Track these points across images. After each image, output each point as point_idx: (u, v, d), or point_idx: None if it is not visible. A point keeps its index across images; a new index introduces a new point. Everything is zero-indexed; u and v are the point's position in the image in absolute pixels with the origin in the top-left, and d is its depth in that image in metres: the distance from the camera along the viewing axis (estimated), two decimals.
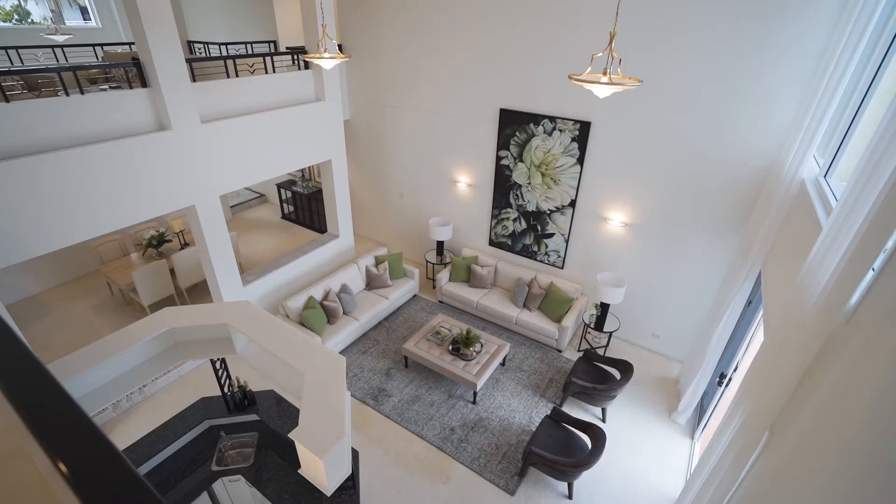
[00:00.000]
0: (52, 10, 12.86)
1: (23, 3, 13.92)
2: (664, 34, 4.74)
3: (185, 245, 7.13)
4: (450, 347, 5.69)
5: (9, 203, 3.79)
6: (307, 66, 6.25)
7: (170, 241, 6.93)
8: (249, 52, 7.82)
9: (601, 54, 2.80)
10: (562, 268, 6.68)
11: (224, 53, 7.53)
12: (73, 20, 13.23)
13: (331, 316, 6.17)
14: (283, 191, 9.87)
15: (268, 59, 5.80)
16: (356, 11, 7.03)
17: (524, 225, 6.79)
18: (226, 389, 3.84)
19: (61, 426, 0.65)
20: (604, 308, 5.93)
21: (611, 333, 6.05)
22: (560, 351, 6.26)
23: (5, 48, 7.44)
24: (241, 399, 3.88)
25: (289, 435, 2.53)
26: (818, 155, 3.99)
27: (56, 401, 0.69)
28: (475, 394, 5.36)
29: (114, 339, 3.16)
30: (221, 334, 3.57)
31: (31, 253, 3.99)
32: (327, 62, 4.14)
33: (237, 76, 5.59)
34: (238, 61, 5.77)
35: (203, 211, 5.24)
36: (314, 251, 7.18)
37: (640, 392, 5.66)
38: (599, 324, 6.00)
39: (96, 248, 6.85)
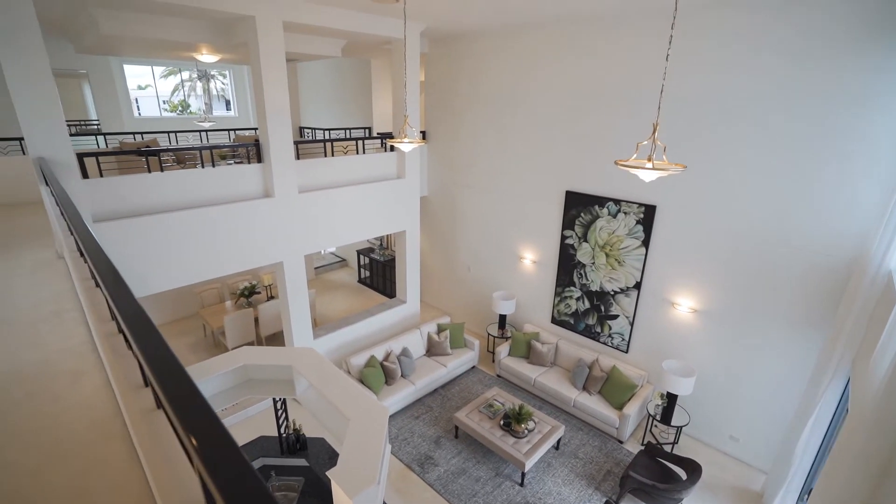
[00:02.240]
0: (205, 103, 16.06)
1: (186, 98, 17.62)
2: (736, 122, 4.85)
3: (270, 297, 7.97)
4: (501, 422, 5.57)
5: (154, 247, 4.74)
6: (392, 148, 7.13)
7: (259, 292, 7.80)
8: (347, 136, 9.10)
9: (646, 143, 3.01)
10: (626, 352, 6.39)
11: (325, 137, 8.85)
12: (218, 111, 16.36)
13: (389, 377, 6.38)
14: (361, 257, 10.73)
15: (359, 142, 6.76)
16: (438, 104, 8.00)
17: (587, 304, 6.70)
18: (282, 430, 4.13)
19: (193, 413, 0.80)
20: (671, 399, 5.50)
21: (679, 428, 5.53)
22: (621, 442, 5.81)
23: (167, 132, 9.45)
24: (295, 441, 4.13)
25: (326, 473, 2.70)
26: None
27: (191, 395, 0.84)
28: (523, 475, 5.10)
29: (197, 369, 3.65)
30: (285, 376, 3.93)
31: (162, 287, 4.88)
32: (406, 146, 4.78)
33: (333, 155, 6.55)
34: (335, 143, 6.79)
35: (289, 267, 5.96)
36: (381, 314, 7.61)
37: (714, 503, 5.00)
38: (666, 416, 5.54)
39: (199, 293, 7.91)
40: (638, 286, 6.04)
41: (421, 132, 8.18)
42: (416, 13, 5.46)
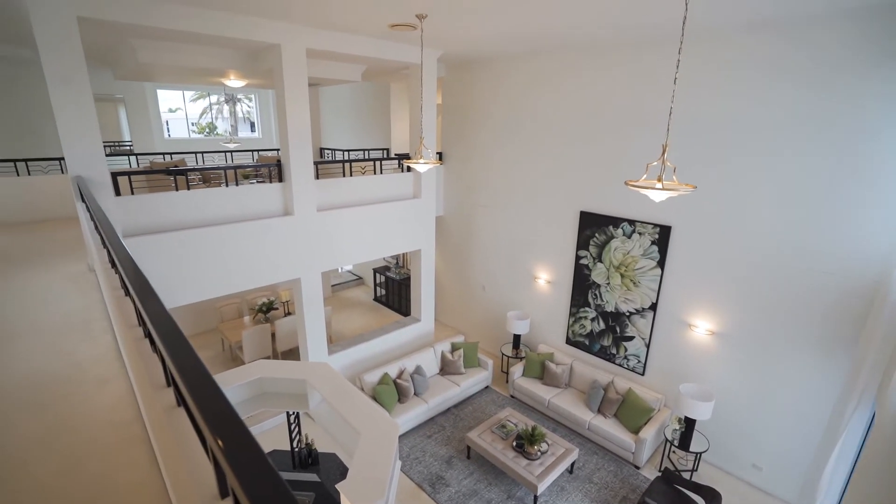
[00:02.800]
0: (231, 125, 16.70)
1: (213, 121, 18.37)
2: (752, 143, 4.86)
3: (287, 314, 8.11)
4: (514, 443, 5.50)
5: (179, 261, 4.92)
6: (409, 169, 7.30)
7: (276, 308, 7.95)
8: (366, 156, 9.36)
9: (656, 163, 3.05)
10: (642, 374, 6.27)
11: (345, 157, 9.12)
12: (244, 132, 16.99)
13: (402, 395, 6.39)
14: (377, 275, 10.86)
15: (377, 162, 6.95)
16: (455, 126, 8.19)
17: (602, 325, 6.64)
18: (294, 444, 4.17)
19: (220, 418, 0.88)
20: (689, 424, 5.36)
21: (698, 455, 5.38)
22: (637, 467, 5.66)
23: (195, 152, 9.87)
24: (307, 456, 4.16)
25: (336, 486, 2.73)
26: None
27: (218, 402, 0.94)
28: (536, 498, 5.01)
29: (217, 380, 3.75)
30: (299, 390, 4.00)
31: (185, 300, 5.04)
32: (422, 167, 4.92)
33: (351, 175, 6.75)
34: (353, 164, 7.00)
35: (306, 283, 6.10)
36: (396, 331, 7.66)
37: None
38: (684, 442, 5.39)
39: (219, 308, 8.10)
40: (654, 307, 5.97)
41: (437, 153, 8.36)
42: (432, 40, 5.67)
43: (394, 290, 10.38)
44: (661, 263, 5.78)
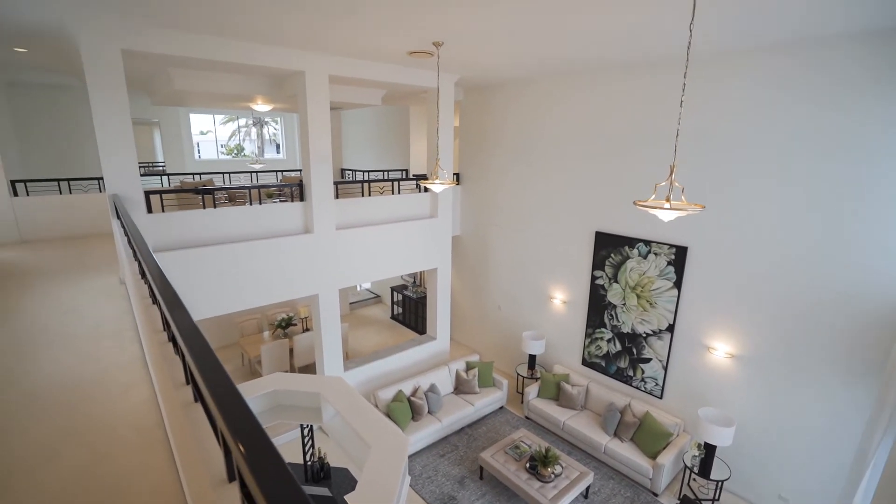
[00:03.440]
0: (258, 147, 17.36)
1: (241, 142, 19.17)
2: (768, 164, 4.84)
3: (306, 329, 8.26)
4: (527, 465, 5.43)
5: (203, 276, 5.12)
6: (426, 189, 7.47)
7: (295, 324, 8.12)
8: (385, 177, 9.61)
9: (664, 183, 3.10)
10: (660, 397, 6.14)
11: (364, 178, 9.39)
12: (269, 153, 17.64)
13: (416, 412, 6.40)
14: (395, 293, 10.98)
15: (395, 182, 7.14)
16: (471, 148, 8.36)
17: (619, 347, 6.55)
18: (307, 458, 4.23)
19: (242, 423, 0.90)
20: (709, 450, 5.20)
21: (719, 483, 5.19)
22: (656, 494, 5.49)
23: (222, 173, 10.31)
24: (319, 470, 4.21)
25: (345, 497, 2.78)
26: None
27: (240, 409, 0.94)
28: None
29: None
30: (313, 403, 4.08)
31: (208, 313, 5.23)
32: (437, 187, 5.06)
33: (370, 195, 6.95)
34: (372, 184, 7.21)
35: (324, 300, 6.24)
36: (411, 349, 7.71)
37: None
38: (704, 469, 5.23)
39: (240, 323, 8.32)
40: (671, 329, 5.88)
41: (455, 174, 8.53)
42: (448, 65, 5.89)
43: (410, 309, 10.46)
44: (678, 284, 5.72)
